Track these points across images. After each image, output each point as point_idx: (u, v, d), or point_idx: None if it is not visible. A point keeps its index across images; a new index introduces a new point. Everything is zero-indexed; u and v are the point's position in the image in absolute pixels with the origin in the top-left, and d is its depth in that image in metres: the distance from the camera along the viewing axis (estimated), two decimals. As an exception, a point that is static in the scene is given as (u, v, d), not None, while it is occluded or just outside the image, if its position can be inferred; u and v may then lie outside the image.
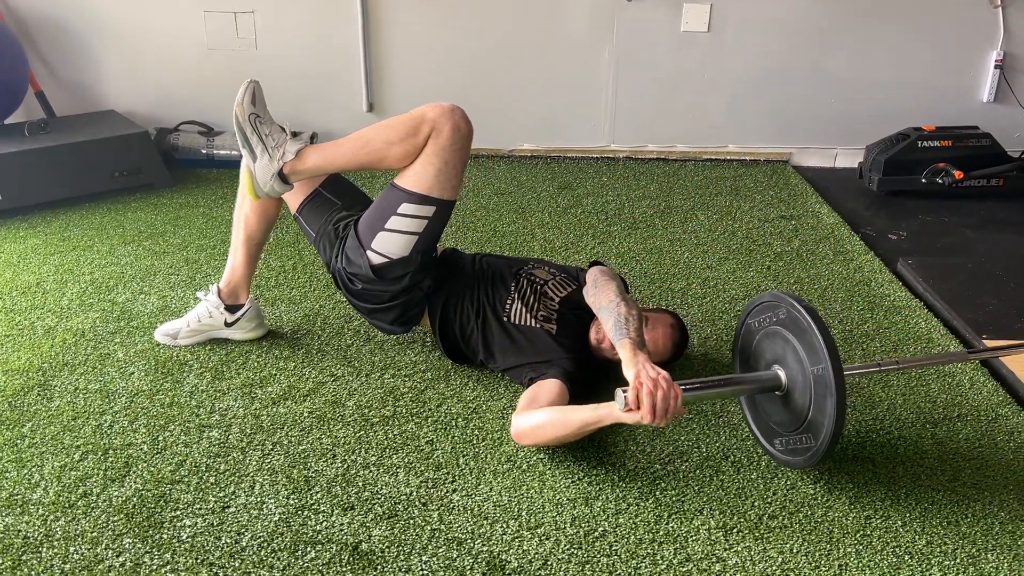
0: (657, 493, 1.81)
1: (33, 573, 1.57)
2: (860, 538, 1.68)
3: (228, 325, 2.36)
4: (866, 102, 3.91)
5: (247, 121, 2.06)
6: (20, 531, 1.67)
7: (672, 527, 1.71)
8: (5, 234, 3.11)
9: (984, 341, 2.38)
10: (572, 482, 1.84)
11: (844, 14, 3.77)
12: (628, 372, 1.75)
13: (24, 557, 1.61)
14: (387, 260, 2.07)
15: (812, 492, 1.82)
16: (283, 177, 2.07)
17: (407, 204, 2.03)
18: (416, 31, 3.83)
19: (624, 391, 1.72)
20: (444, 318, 2.20)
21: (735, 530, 1.71)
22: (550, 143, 4.03)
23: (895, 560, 1.63)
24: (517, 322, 2.14)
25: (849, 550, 1.65)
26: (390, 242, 2.06)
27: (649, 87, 3.91)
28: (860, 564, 1.62)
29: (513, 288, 2.19)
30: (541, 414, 1.87)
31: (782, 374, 1.85)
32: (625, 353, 1.79)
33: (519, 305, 2.16)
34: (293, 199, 2.27)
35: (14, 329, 2.43)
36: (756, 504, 1.78)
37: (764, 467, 1.89)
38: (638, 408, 1.69)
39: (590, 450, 1.94)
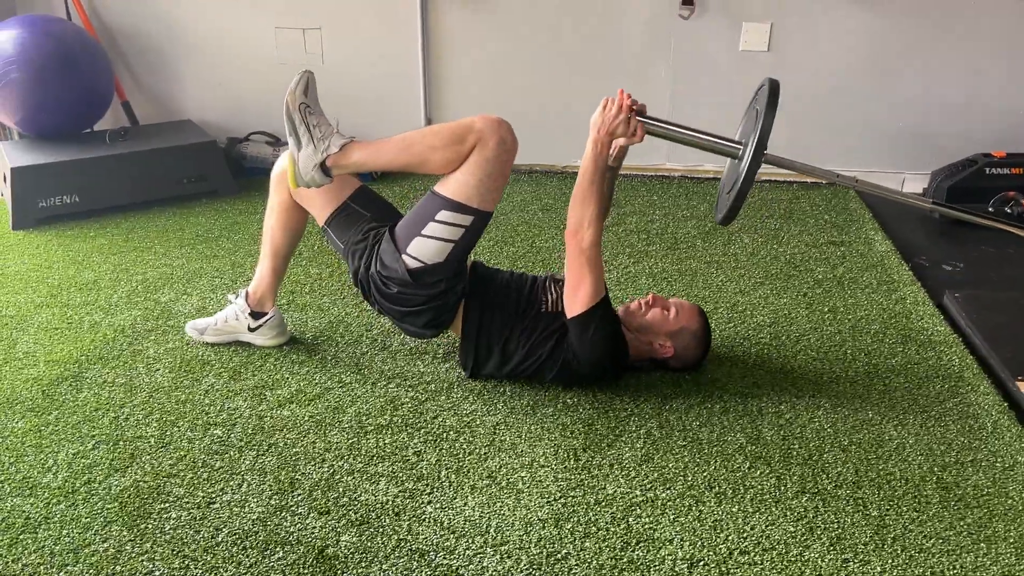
0: (630, 519, 1.79)
1: (26, 552, 1.69)
2: (830, 581, 1.63)
3: (251, 330, 2.47)
4: (936, 125, 3.73)
5: (297, 109, 2.13)
6: (24, 512, 1.80)
7: (637, 555, 1.69)
8: (77, 233, 3.34)
9: (1019, 383, 2.24)
10: (547, 502, 1.84)
11: (913, 33, 3.61)
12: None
13: (21, 536, 1.73)
14: (423, 265, 2.11)
15: (792, 530, 1.76)
16: (325, 169, 2.13)
17: (445, 211, 2.08)
18: (474, 48, 3.90)
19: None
20: (476, 321, 2.23)
21: (701, 563, 1.67)
22: (604, 160, 4.01)
23: (862, 607, 1.57)
24: (555, 310, 2.20)
25: (815, 593, 1.60)
26: (426, 247, 2.10)
27: (706, 105, 3.85)
28: (823, 608, 1.56)
29: (542, 289, 2.27)
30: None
31: (741, 146, 2.03)
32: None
33: (552, 298, 2.23)
34: (321, 212, 2.33)
35: (64, 323, 2.62)
36: (730, 538, 1.74)
37: (748, 500, 1.84)
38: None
39: (573, 471, 1.94)
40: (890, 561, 1.68)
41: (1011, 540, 1.73)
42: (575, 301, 2.12)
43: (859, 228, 3.38)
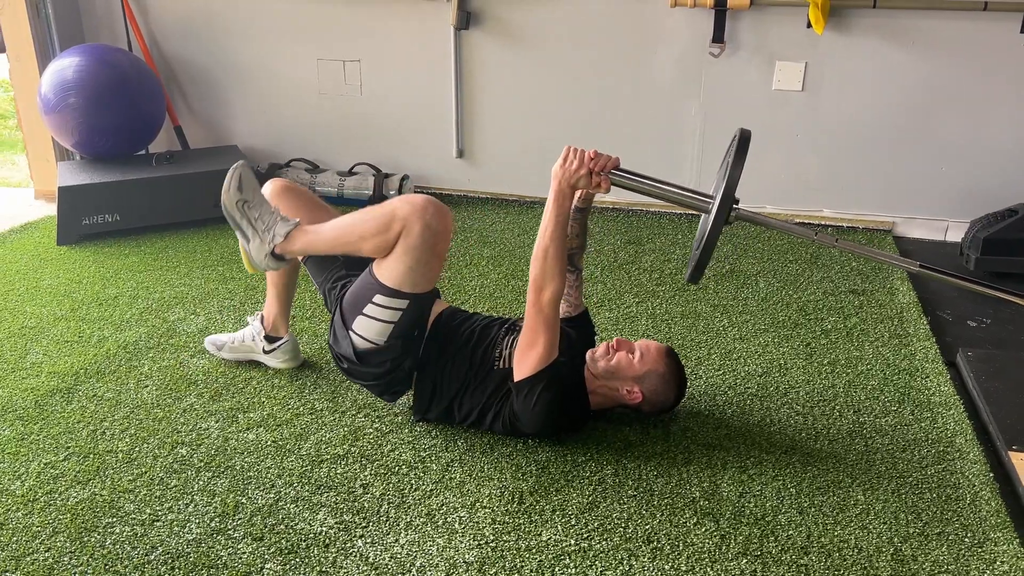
0: (556, 568, 1.75)
1: (-27, 555, 1.79)
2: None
3: (266, 352, 2.55)
4: (982, 172, 3.54)
5: (235, 207, 2.19)
6: (-16, 516, 1.90)
7: (553, 606, 1.66)
8: (112, 251, 3.52)
9: (1010, 453, 2.09)
10: (478, 544, 1.82)
11: (956, 76, 3.45)
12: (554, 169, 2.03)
13: (-26, 540, 1.83)
14: (369, 346, 2.10)
15: (721, 593, 1.69)
16: (276, 256, 2.19)
17: (380, 295, 2.06)
18: (506, 83, 3.93)
19: None
20: (431, 389, 2.21)
21: (616, 620, 1.62)
22: (632, 196, 3.98)
23: None
24: (507, 366, 2.14)
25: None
26: (369, 327, 2.09)
27: (739, 145, 3.77)
28: None
29: (499, 342, 2.20)
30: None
31: (710, 200, 1.94)
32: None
33: (507, 353, 2.17)
34: None
35: (75, 336, 2.76)
36: (653, 597, 1.68)
37: (684, 558, 1.78)
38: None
39: (513, 514, 1.91)
40: (818, 635, 1.59)
41: (957, 624, 1.62)
42: (524, 362, 2.06)
43: (885, 277, 3.24)
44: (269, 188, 2.36)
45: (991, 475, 2.04)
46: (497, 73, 3.92)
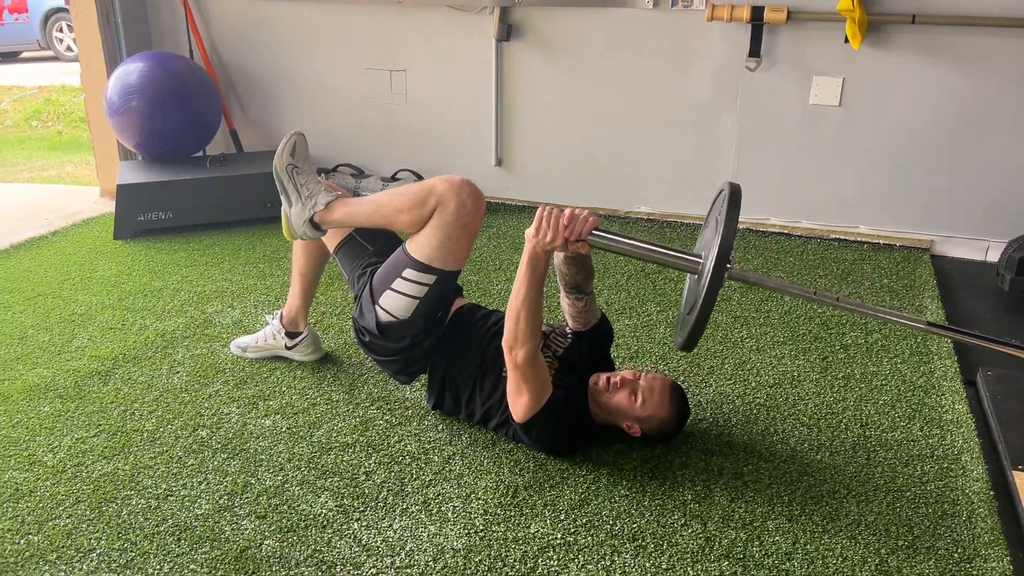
0: (540, 560, 1.81)
1: (4, 518, 1.93)
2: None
3: (288, 348, 2.67)
4: (1024, 191, 3.47)
5: (284, 171, 2.33)
6: (16, 483, 2.05)
7: (531, 595, 1.71)
8: (162, 246, 3.71)
9: (1015, 473, 2.06)
10: (467, 533, 1.89)
11: (997, 91, 3.39)
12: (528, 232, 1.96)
13: (4, 505, 1.97)
14: (392, 320, 2.17)
15: (697, 592, 1.72)
16: (314, 224, 2.31)
17: (410, 270, 2.13)
18: (545, 93, 4.00)
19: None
20: (444, 373, 2.29)
21: (590, 611, 1.67)
22: (667, 208, 4.01)
23: None
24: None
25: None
26: (395, 302, 2.17)
27: (773, 159, 3.76)
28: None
29: None
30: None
31: (703, 260, 1.83)
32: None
33: None
34: (331, 241, 2.50)
35: (118, 324, 2.92)
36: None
37: (666, 557, 1.81)
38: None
39: (506, 507, 1.97)
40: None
41: (932, 635, 1.62)
42: (516, 408, 2.09)
43: (916, 295, 3.19)
44: None
45: (991, 493, 2.02)
46: (536, 84, 4.00)
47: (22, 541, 1.86)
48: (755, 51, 3.58)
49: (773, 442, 2.25)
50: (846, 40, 3.42)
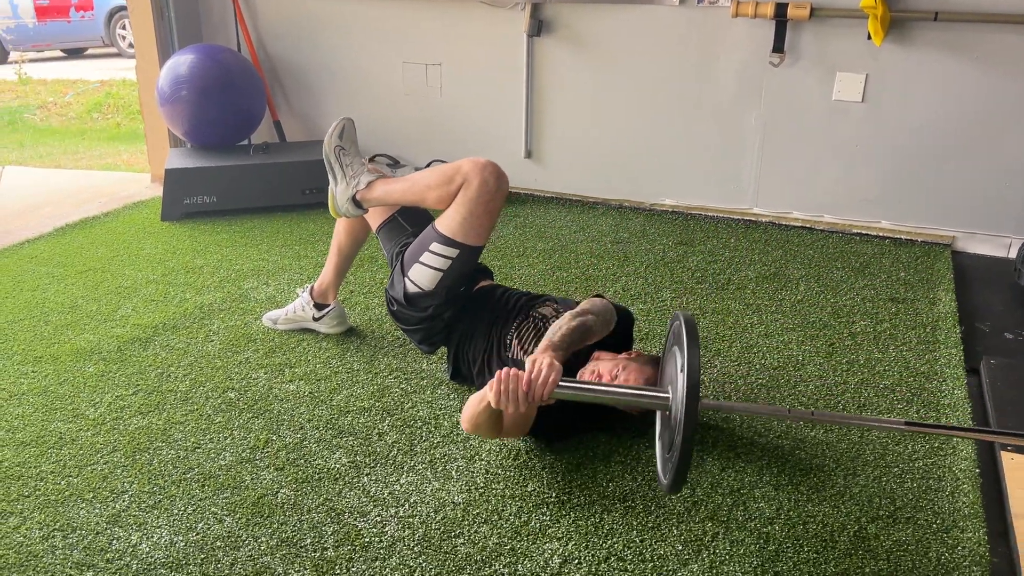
0: (534, 514, 1.93)
1: (45, 461, 2.12)
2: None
3: (315, 319, 2.83)
4: (1048, 189, 3.48)
5: (332, 152, 2.50)
6: (61, 433, 2.24)
7: (521, 545, 1.83)
8: (207, 228, 3.91)
9: (1003, 454, 2.12)
10: (468, 489, 2.02)
11: (1021, 90, 3.40)
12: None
13: (50, 450, 2.16)
14: (418, 291, 2.34)
15: (679, 549, 1.82)
16: (356, 202, 2.48)
17: (436, 244, 2.30)
18: (574, 88, 4.12)
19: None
20: (458, 346, 2.44)
21: (575, 561, 1.78)
22: (691, 200, 4.09)
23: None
24: (515, 358, 2.33)
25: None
26: (422, 274, 2.33)
27: (797, 154, 3.82)
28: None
29: (515, 327, 2.35)
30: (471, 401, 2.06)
31: (670, 394, 1.82)
32: (537, 350, 1.96)
33: (516, 343, 2.33)
34: (374, 221, 2.65)
35: (160, 297, 3.12)
36: (615, 545, 1.83)
37: (652, 518, 1.92)
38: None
39: (507, 468, 2.10)
40: (761, 592, 1.70)
41: (899, 595, 1.70)
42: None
43: (929, 288, 3.23)
44: None
45: (977, 471, 2.08)
46: (565, 79, 4.12)
47: (63, 482, 2.04)
48: (779, 47, 3.65)
49: (770, 419, 2.33)
50: (869, 37, 3.47)
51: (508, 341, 2.34)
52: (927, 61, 3.51)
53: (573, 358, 2.25)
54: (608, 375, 2.13)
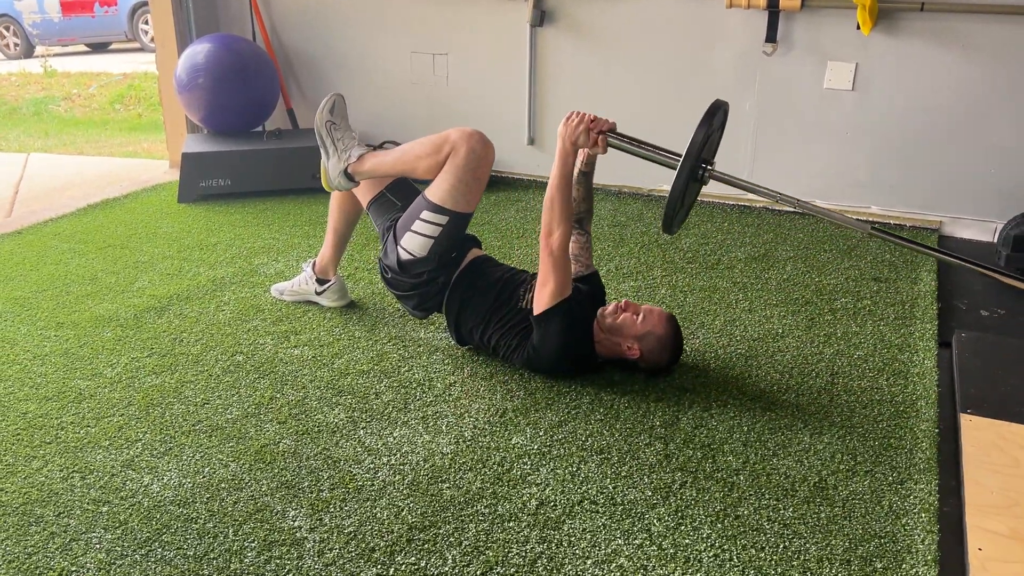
0: (516, 464, 2.07)
1: (66, 413, 2.28)
2: None
3: (318, 293, 2.99)
4: (1031, 174, 3.58)
5: (323, 126, 2.66)
6: (80, 390, 2.41)
7: (501, 490, 1.98)
8: (221, 209, 4.08)
9: (962, 416, 2.24)
10: (455, 441, 2.17)
11: (1005, 77, 3.50)
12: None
13: (69, 405, 2.33)
14: (411, 257, 2.49)
15: (647, 495, 1.96)
16: (348, 175, 2.63)
17: (427, 212, 2.45)
18: (575, 77, 4.25)
19: None
20: (456, 310, 2.57)
21: (550, 504, 1.93)
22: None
23: None
24: (531, 307, 2.45)
25: None
26: (414, 242, 2.48)
27: (789, 141, 3.94)
28: None
29: (526, 286, 2.52)
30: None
31: (679, 159, 2.18)
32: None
33: (531, 296, 2.47)
34: (363, 197, 2.81)
35: (176, 271, 3.29)
36: (588, 491, 1.98)
37: (625, 468, 2.06)
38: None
39: (494, 424, 2.24)
40: (722, 535, 1.84)
41: (849, 538, 1.82)
42: (540, 298, 2.37)
43: (913, 268, 3.35)
44: None
45: (936, 431, 2.21)
46: (566, 67, 4.25)
47: (82, 432, 2.21)
48: (772, 37, 3.77)
49: (745, 384, 2.46)
50: (858, 27, 3.58)
51: (522, 293, 2.49)
52: (914, 50, 3.62)
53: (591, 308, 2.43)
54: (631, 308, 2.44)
